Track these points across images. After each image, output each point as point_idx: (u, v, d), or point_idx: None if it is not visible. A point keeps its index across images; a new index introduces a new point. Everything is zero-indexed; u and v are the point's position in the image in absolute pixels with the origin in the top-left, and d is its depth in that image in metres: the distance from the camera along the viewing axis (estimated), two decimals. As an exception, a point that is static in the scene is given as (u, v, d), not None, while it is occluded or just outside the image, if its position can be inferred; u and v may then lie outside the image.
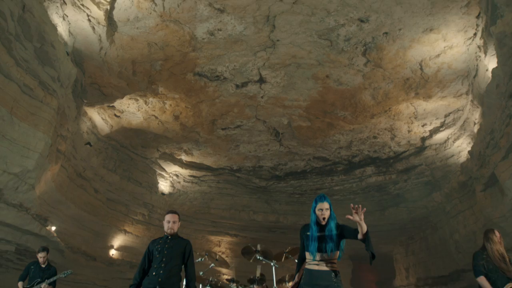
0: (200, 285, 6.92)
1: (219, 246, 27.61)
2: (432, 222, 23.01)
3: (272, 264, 6.47)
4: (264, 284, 6.63)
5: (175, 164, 22.81)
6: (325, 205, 4.13)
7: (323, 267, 3.97)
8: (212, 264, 7.11)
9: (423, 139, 19.75)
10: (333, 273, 4.00)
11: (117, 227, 21.37)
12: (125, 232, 21.89)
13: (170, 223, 4.90)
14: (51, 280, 7.23)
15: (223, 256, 27.70)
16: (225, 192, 24.76)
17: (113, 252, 21.47)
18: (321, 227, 4.05)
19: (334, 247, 3.95)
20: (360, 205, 3.89)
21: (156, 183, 22.41)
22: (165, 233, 4.90)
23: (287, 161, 23.02)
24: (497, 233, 5.89)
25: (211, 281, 6.57)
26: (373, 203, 24.11)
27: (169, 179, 23.14)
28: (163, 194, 22.93)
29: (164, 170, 22.85)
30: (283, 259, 6.94)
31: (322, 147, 21.26)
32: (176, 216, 4.96)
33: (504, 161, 14.21)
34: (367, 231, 3.93)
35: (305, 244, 4.11)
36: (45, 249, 7.60)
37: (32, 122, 12.01)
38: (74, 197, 17.45)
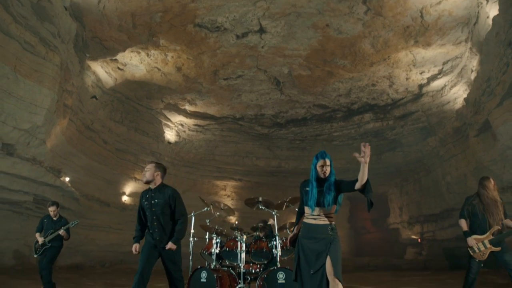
0: (207, 233, 6.78)
1: (225, 190, 27.83)
2: (426, 165, 22.95)
3: (273, 213, 6.30)
4: (266, 231, 6.52)
5: (179, 114, 22.46)
6: (326, 161, 3.96)
7: (321, 221, 3.88)
8: (218, 213, 6.93)
9: (421, 86, 19.21)
10: (330, 227, 3.88)
11: (127, 175, 21.39)
12: (135, 179, 21.93)
13: (144, 172, 4.57)
14: (64, 228, 7.24)
15: (229, 199, 28.04)
16: (229, 140, 24.58)
17: (125, 198, 21.63)
18: (321, 183, 3.90)
19: (332, 201, 3.85)
20: (368, 144, 3.66)
21: (162, 133, 22.17)
22: (152, 186, 4.60)
23: (288, 109, 22.63)
24: (492, 180, 5.74)
25: (216, 229, 6.41)
26: (371, 148, 23.83)
27: (174, 128, 22.87)
28: (169, 143, 22.76)
29: (169, 120, 22.53)
30: (284, 208, 6.76)
31: (322, 95, 20.78)
32: (152, 164, 4.58)
33: (499, 108, 13.86)
34: (367, 180, 3.72)
35: (304, 198, 3.97)
36: (54, 203, 7.58)
37: (37, 79, 11.58)
38: (85, 149, 17.29)
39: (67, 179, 15.11)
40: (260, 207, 6.59)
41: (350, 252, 33.18)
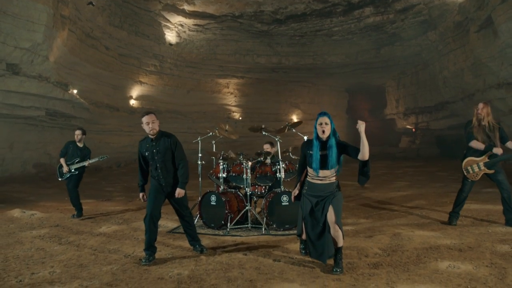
0: (213, 159, 6.95)
1: (228, 87, 27.69)
2: (424, 59, 22.44)
3: (276, 139, 6.38)
4: (271, 155, 6.66)
5: (178, 14, 21.34)
6: (325, 119, 3.89)
7: (326, 181, 3.93)
8: (221, 136, 7.03)
9: (423, -22, 17.92)
10: (334, 184, 3.96)
11: (132, 79, 21.16)
12: (141, 83, 21.75)
13: (150, 124, 4.50)
14: (92, 161, 7.40)
15: (232, 96, 28.03)
16: (229, 38, 23.73)
17: (133, 102, 21.69)
18: (323, 145, 3.88)
19: (335, 163, 3.86)
20: (363, 122, 3.66)
21: (162, 35, 21.37)
22: (149, 135, 4.60)
23: (287, 5, 21.38)
24: (487, 106, 5.65)
25: (222, 154, 6.56)
26: (370, 42, 23.19)
27: (174, 29, 21.96)
28: (170, 44, 22.04)
29: (168, 21, 21.51)
30: (286, 130, 6.82)
31: (322, -11, 19.52)
32: (153, 115, 4.53)
33: (503, 5, 13.15)
34: (368, 160, 3.76)
35: (308, 161, 3.98)
36: (80, 128, 7.61)
37: (30, -6, 10.84)
38: (88, 57, 16.86)
39: (75, 91, 15.00)
40: (264, 133, 6.62)
41: (348, 141, 33.98)
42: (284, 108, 31.03)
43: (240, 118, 28.59)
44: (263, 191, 6.35)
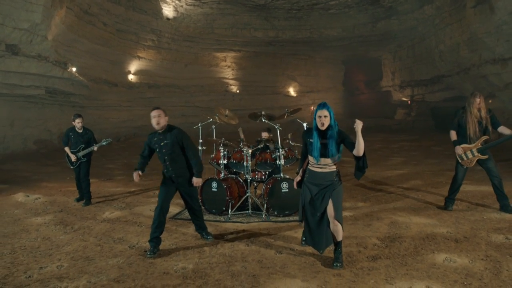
0: (214, 145, 6.90)
1: (225, 61, 27.31)
2: (420, 33, 22.08)
3: (276, 127, 6.31)
4: (271, 141, 6.62)
5: (175, -12, 20.82)
6: (324, 112, 3.84)
7: (326, 169, 3.93)
8: (220, 122, 6.93)
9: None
10: (334, 173, 3.95)
11: (130, 54, 20.81)
12: (139, 57, 21.40)
13: (155, 118, 4.52)
14: (98, 146, 7.27)
15: (229, 70, 27.68)
16: (227, 12, 23.19)
17: (131, 77, 21.41)
18: (323, 134, 3.85)
19: (335, 152, 3.85)
20: (361, 122, 3.62)
21: (160, 9, 20.84)
22: (158, 129, 4.60)
23: (284, -22, 20.89)
24: (478, 98, 5.58)
25: (223, 141, 6.53)
26: (366, 15, 22.74)
27: (171, 4, 21.39)
28: (168, 19, 21.54)
29: (165, -5, 20.98)
30: (285, 116, 6.75)
31: (319, -38, 18.97)
32: (160, 110, 4.55)
33: (501, -19, 12.87)
34: (364, 154, 3.72)
35: (308, 148, 3.98)
36: (79, 116, 7.40)
37: (25, -28, 10.48)
38: (86, 33, 16.51)
39: (74, 69, 14.74)
40: (263, 120, 6.54)
41: (344, 113, 33.94)
42: (281, 81, 30.76)
43: (238, 91, 28.36)
44: (263, 177, 6.35)
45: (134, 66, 21.47)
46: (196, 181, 4.64)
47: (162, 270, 3.95)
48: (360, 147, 3.76)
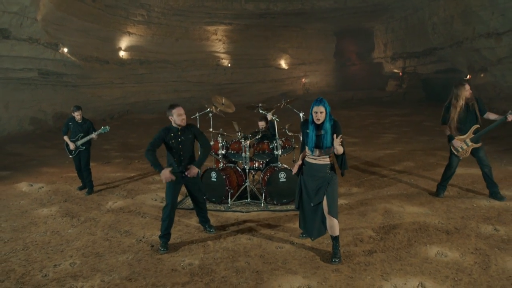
0: (211, 135, 7.03)
1: (216, 34, 26.94)
2: (414, 4, 21.87)
3: (273, 118, 6.43)
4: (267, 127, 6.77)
5: (164, -40, 20.27)
6: (320, 108, 4.00)
7: (320, 161, 4.15)
8: (218, 109, 7.00)
9: None
10: (328, 166, 4.15)
11: (120, 31, 20.45)
12: (129, 33, 21.05)
13: (182, 116, 4.66)
14: (96, 133, 7.34)
15: (220, 43, 27.34)
16: (217, -16, 22.75)
17: (122, 54, 21.13)
18: (318, 127, 4.03)
19: (330, 144, 4.03)
20: (341, 138, 3.83)
21: (149, -17, 20.35)
22: (176, 125, 4.70)
23: (276, -51, 20.38)
24: (466, 87, 5.68)
25: (221, 132, 6.66)
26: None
27: (161, -24, 20.90)
28: (157, -8, 21.06)
29: (154, -32, 20.44)
30: (282, 106, 6.86)
31: None
32: (182, 108, 4.72)
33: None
34: (343, 152, 4.02)
35: (304, 140, 4.16)
36: (78, 108, 7.41)
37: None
38: (75, 11, 16.15)
39: (65, 50, 14.53)
40: (260, 111, 6.64)
41: (335, 85, 33.94)
42: (272, 54, 30.51)
43: (229, 65, 28.13)
44: (260, 165, 6.52)
45: (124, 43, 21.14)
46: (193, 171, 4.77)
47: (170, 266, 4.15)
48: (339, 150, 3.99)
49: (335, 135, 3.97)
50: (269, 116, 6.68)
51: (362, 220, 5.24)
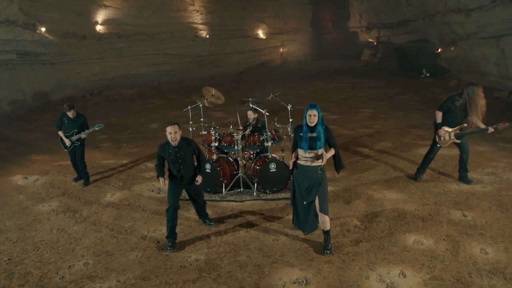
0: (202, 127, 7.28)
1: (193, 5, 26.40)
2: (389, -25, 21.92)
3: (263, 112, 6.72)
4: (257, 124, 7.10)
5: None
6: (314, 112, 4.40)
7: (313, 164, 4.48)
8: (208, 100, 7.22)
9: None
10: (319, 167, 4.52)
11: (96, 4, 19.85)
12: (105, 6, 20.45)
13: (172, 135, 4.83)
14: (90, 131, 7.41)
15: (198, 14, 26.85)
16: (193, -46, 22.10)
17: (99, 28, 20.57)
18: (311, 129, 4.40)
19: (322, 145, 4.43)
20: (326, 156, 4.39)
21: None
22: (171, 144, 4.92)
23: None
24: (481, 89, 5.99)
25: (213, 125, 6.94)
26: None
27: None
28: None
29: None
30: (269, 98, 7.15)
31: None
32: (176, 126, 4.83)
33: None
34: (336, 153, 4.57)
35: (298, 142, 4.52)
36: (71, 107, 7.38)
37: None
38: (48, -14, 15.59)
39: (43, 29, 14.13)
40: (251, 105, 6.91)
41: (312, 54, 34.02)
42: (250, 24, 30.20)
43: (207, 36, 27.76)
44: (251, 156, 6.87)
45: (101, 16, 20.54)
46: (200, 179, 5.14)
47: (178, 263, 4.52)
48: (329, 155, 4.48)
49: (327, 144, 4.35)
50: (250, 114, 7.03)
51: (348, 209, 5.71)
